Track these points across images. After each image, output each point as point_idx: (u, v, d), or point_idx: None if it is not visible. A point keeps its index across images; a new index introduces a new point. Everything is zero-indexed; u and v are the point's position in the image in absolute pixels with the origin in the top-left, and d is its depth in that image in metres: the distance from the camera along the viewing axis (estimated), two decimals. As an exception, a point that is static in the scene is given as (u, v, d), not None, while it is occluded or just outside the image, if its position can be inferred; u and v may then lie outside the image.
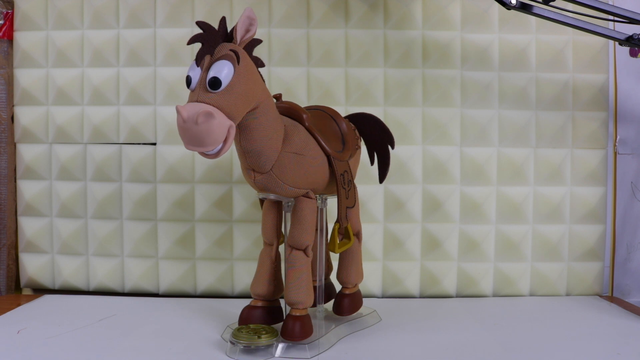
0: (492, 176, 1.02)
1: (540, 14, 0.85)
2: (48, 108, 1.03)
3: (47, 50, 1.03)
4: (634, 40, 0.86)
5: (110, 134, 1.02)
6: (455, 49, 1.01)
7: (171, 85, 1.01)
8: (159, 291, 1.03)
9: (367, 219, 1.00)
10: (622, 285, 1.07)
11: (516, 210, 1.02)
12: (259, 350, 0.70)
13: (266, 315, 0.76)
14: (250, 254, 1.01)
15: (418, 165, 1.01)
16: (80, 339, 0.77)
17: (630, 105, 1.06)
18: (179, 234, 1.02)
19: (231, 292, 1.03)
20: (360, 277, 0.84)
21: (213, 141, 0.60)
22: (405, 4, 1.01)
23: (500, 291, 1.03)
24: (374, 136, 0.84)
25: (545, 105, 1.02)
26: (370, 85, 1.01)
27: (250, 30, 0.65)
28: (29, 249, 1.05)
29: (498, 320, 0.88)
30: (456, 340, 0.78)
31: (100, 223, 1.03)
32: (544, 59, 1.02)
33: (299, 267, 0.72)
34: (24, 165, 1.04)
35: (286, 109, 0.74)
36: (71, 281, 1.04)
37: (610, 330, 0.84)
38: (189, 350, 0.73)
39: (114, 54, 1.02)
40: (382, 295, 1.03)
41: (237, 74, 0.62)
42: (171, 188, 1.01)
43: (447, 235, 1.02)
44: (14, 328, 0.81)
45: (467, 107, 1.02)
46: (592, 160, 1.03)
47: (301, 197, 0.72)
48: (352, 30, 1.01)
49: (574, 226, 1.03)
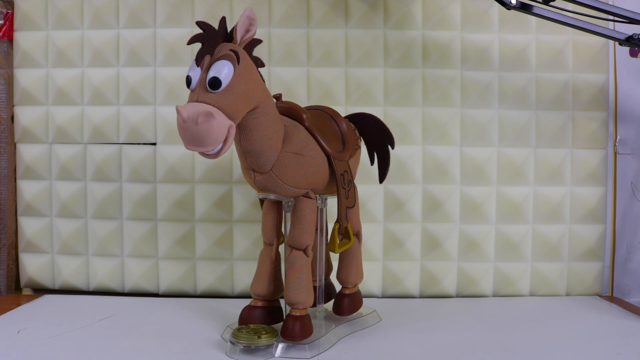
0: (492, 176, 1.02)
1: (540, 14, 0.85)
2: (48, 108, 1.03)
3: (47, 50, 1.03)
4: (634, 40, 0.86)
5: (110, 134, 1.02)
6: (455, 49, 1.01)
7: (171, 85, 1.01)
8: (159, 291, 1.03)
9: (367, 219, 1.00)
10: (622, 285, 1.07)
11: (516, 210, 1.02)
12: (259, 350, 0.70)
13: (266, 315, 0.76)
14: (250, 254, 1.01)
15: (418, 165, 1.01)
16: (80, 339, 0.77)
17: (630, 105, 1.06)
18: (179, 234, 1.02)
19: (231, 292, 1.03)
20: (360, 277, 0.84)
21: (213, 141, 0.60)
22: (405, 4, 1.01)
23: (500, 291, 1.03)
24: (374, 136, 0.84)
25: (545, 105, 1.02)
26: (370, 85, 1.01)
27: (250, 30, 0.65)
28: (29, 249, 1.05)
29: (498, 320, 0.88)
30: (456, 340, 0.78)
31: (100, 223, 1.03)
32: (544, 59, 1.02)
33: (299, 267, 0.72)
34: (24, 165, 1.04)
35: (286, 109, 0.74)
36: (71, 281, 1.04)
37: (610, 330, 0.84)
38: (189, 350, 0.73)
39: (114, 54, 1.02)
40: (382, 295, 1.03)
41: (237, 74, 0.62)
42: (171, 188, 1.01)
43: (447, 235, 1.02)
44: (14, 328, 0.81)
45: (467, 107, 1.02)
46: (592, 160, 1.03)
47: (301, 197, 0.72)
48: (352, 30, 1.01)
49: (574, 226, 1.03)
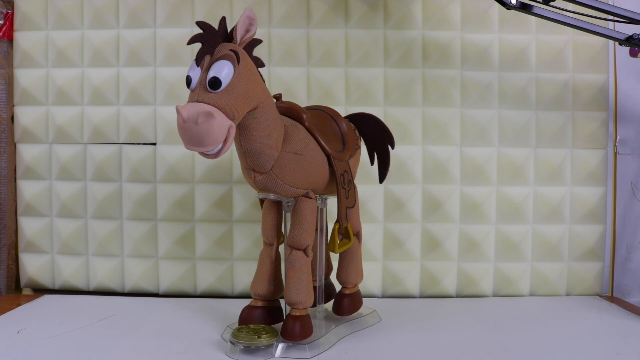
0: (492, 176, 1.02)
1: (540, 14, 0.85)
2: (48, 108, 1.03)
3: (47, 50, 1.03)
4: (634, 40, 0.86)
5: (110, 134, 1.02)
6: (455, 49, 1.01)
7: (171, 85, 1.01)
8: (159, 291, 1.03)
9: (367, 219, 1.00)
10: (622, 285, 1.07)
11: (516, 210, 1.02)
12: (259, 350, 0.70)
13: (266, 315, 0.76)
14: (250, 254, 1.01)
15: (418, 165, 1.01)
16: (80, 339, 0.77)
17: (630, 105, 1.06)
18: (179, 234, 1.02)
19: (231, 292, 1.03)
20: (360, 277, 0.84)
21: (213, 141, 0.60)
22: (405, 4, 1.01)
23: (500, 291, 1.03)
24: (374, 136, 0.84)
25: (545, 105, 1.02)
26: (370, 85, 1.01)
27: (250, 30, 0.65)
28: (29, 249, 1.05)
29: (498, 320, 0.88)
30: (456, 340, 0.78)
31: (100, 223, 1.03)
32: (544, 59, 1.02)
33: (299, 267, 0.72)
34: (24, 165, 1.04)
35: (286, 109, 0.74)
36: (71, 281, 1.04)
37: (610, 330, 0.84)
38: (189, 350, 0.73)
39: (114, 54, 1.02)
40: (382, 295, 1.03)
41: (237, 74, 0.62)
42: (171, 188, 1.01)
43: (447, 235, 1.02)
44: (14, 328, 0.81)
45: (467, 107, 1.02)
46: (592, 160, 1.03)
47: (301, 197, 0.72)
48: (352, 30, 1.01)
49: (574, 226, 1.03)
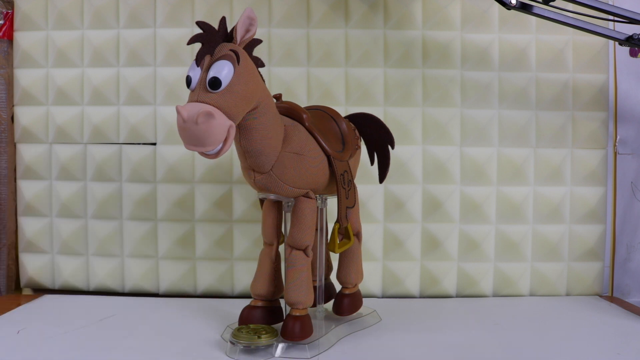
0: (492, 176, 1.02)
1: (540, 14, 0.85)
2: (48, 108, 1.03)
3: (47, 50, 1.03)
4: (634, 40, 0.86)
5: (110, 134, 1.02)
6: (455, 49, 1.01)
7: (171, 85, 1.01)
8: (159, 291, 1.03)
9: (367, 219, 1.00)
10: (622, 285, 1.07)
11: (516, 210, 1.02)
12: (259, 350, 0.70)
13: (266, 315, 0.76)
14: (250, 254, 1.01)
15: (418, 165, 1.01)
16: (80, 339, 0.77)
17: (630, 105, 1.06)
18: (179, 234, 1.02)
19: (231, 292, 1.03)
20: (360, 277, 0.84)
21: (213, 141, 0.60)
22: (405, 4, 1.01)
23: (500, 291, 1.03)
24: (374, 136, 0.84)
25: (545, 105, 1.02)
26: (370, 85, 1.01)
27: (250, 30, 0.65)
28: (29, 249, 1.05)
29: (498, 320, 0.87)
30: (456, 340, 0.78)
31: (100, 223, 1.03)
32: (544, 59, 1.02)
33: (299, 267, 0.72)
34: (24, 165, 1.04)
35: (286, 109, 0.74)
36: (71, 281, 1.04)
37: (610, 330, 0.84)
38: (189, 350, 0.73)
39: (114, 54, 1.02)
40: (382, 295, 1.03)
41: (237, 74, 0.62)
42: (171, 188, 1.01)
43: (447, 235, 1.02)
44: (14, 328, 0.81)
45: (467, 107, 1.02)
46: (592, 160, 1.03)
47: (301, 197, 0.72)
48: (352, 30, 1.01)
49: (574, 226, 1.03)
